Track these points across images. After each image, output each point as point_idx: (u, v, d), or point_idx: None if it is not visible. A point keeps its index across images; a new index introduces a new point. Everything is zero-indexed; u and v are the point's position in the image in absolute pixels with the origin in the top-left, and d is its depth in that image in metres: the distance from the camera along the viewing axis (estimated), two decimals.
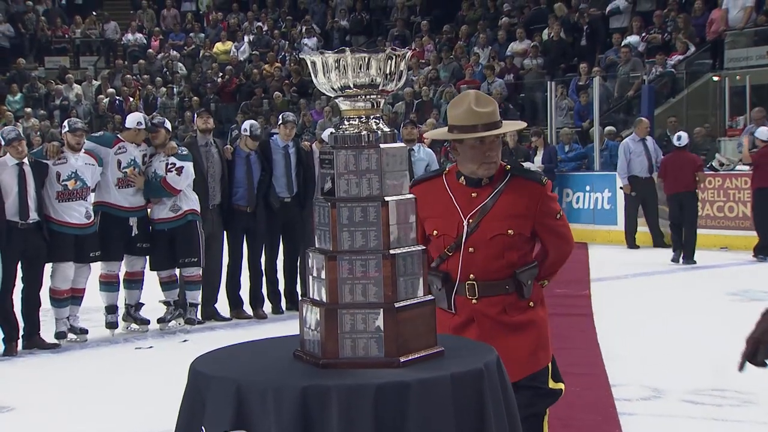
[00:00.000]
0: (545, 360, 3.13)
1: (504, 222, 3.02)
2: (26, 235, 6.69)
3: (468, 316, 3.07)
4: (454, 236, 3.05)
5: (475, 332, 3.05)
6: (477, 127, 3.00)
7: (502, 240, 3.02)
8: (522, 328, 3.07)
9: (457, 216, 3.05)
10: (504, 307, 3.06)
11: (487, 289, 3.04)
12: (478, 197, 3.06)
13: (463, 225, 3.03)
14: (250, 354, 2.75)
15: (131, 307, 7.51)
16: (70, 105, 19.66)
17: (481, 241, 3.03)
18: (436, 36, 19.32)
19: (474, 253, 3.03)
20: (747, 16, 14.43)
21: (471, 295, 3.05)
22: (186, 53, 22.25)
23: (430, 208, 3.07)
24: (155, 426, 4.79)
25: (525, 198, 3.04)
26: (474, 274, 3.04)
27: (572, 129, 14.10)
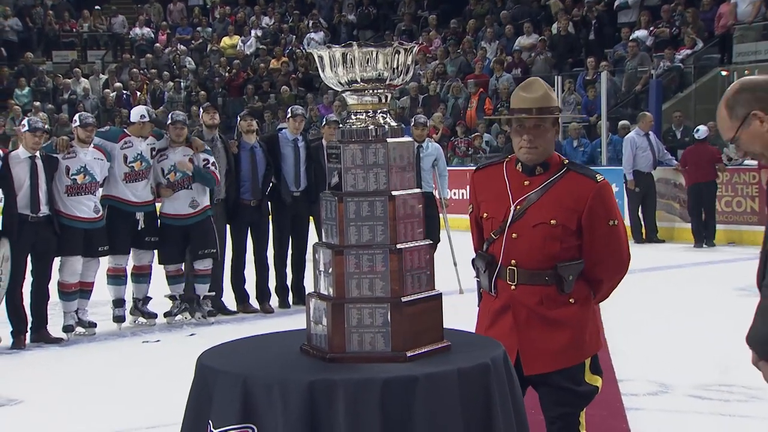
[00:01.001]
0: (578, 358, 3.08)
1: (549, 212, 3.01)
2: (37, 228, 6.71)
3: (506, 301, 3.07)
4: (501, 220, 3.06)
5: (510, 319, 3.05)
6: (520, 111, 3.05)
7: (544, 229, 3.01)
8: (557, 324, 3.04)
9: (506, 201, 3.07)
10: (541, 298, 3.04)
11: (527, 277, 3.03)
12: (530, 185, 3.07)
13: (510, 210, 3.05)
14: (257, 348, 2.76)
15: (139, 300, 7.53)
16: (78, 99, 19.70)
17: (525, 227, 3.03)
18: (444, 30, 19.28)
19: (517, 239, 3.03)
20: (756, 10, 14.36)
21: (511, 280, 3.05)
22: (193, 47, 22.26)
23: (487, 191, 3.15)
24: (162, 420, 4.80)
25: (575, 192, 3.03)
26: (515, 260, 3.04)
27: (580, 123, 14.06)
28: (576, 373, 3.07)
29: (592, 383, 3.12)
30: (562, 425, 3.11)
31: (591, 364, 3.13)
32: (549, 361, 3.03)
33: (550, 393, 3.09)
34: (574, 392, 3.08)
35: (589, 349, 3.11)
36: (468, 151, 15.19)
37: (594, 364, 3.14)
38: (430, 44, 18.74)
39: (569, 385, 3.07)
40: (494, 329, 3.07)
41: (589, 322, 3.11)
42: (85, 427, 4.99)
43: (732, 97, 2.53)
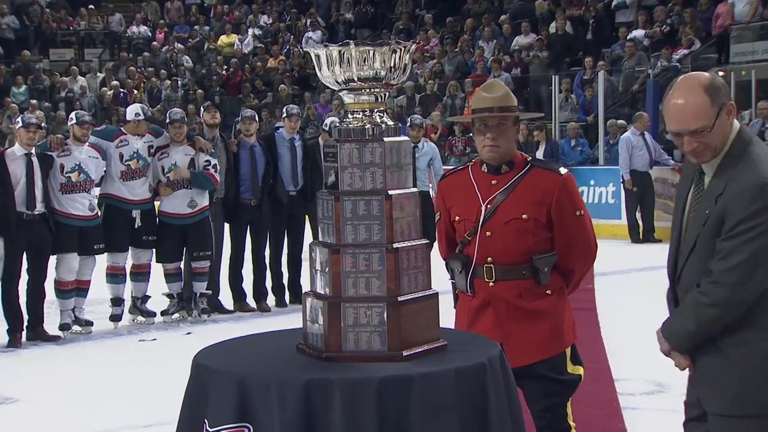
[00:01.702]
0: (560, 347, 3.18)
1: (519, 207, 3.12)
2: (32, 225, 6.71)
3: (485, 298, 3.15)
4: (474, 221, 3.16)
5: (491, 315, 3.14)
6: (482, 111, 3.15)
7: (517, 224, 3.11)
8: (537, 315, 3.13)
9: (477, 202, 3.18)
10: (520, 291, 3.13)
11: (504, 272, 3.13)
12: (497, 184, 3.17)
13: (482, 210, 3.15)
14: (253, 347, 2.76)
15: (138, 299, 7.52)
16: (75, 97, 19.66)
17: (498, 225, 3.13)
18: (441, 29, 19.28)
19: (491, 237, 3.13)
20: (753, 10, 14.37)
21: (488, 277, 3.14)
22: (190, 46, 22.23)
23: (455, 196, 3.25)
24: (158, 418, 4.80)
25: (541, 186, 3.14)
26: (491, 257, 3.13)
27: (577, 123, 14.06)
28: (558, 363, 3.17)
29: (575, 372, 3.23)
30: (551, 416, 3.17)
31: (571, 354, 3.23)
32: (532, 351, 3.12)
33: (536, 385, 3.17)
34: (558, 381, 3.17)
35: (568, 338, 3.22)
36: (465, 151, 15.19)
37: (574, 354, 3.25)
38: (428, 43, 18.74)
39: (553, 375, 3.16)
40: (476, 326, 3.15)
41: (565, 312, 3.23)
42: (82, 425, 4.98)
43: (713, 84, 2.56)
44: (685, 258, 2.64)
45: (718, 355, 2.58)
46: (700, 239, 2.58)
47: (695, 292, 2.57)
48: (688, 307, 2.60)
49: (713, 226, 2.54)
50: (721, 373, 2.58)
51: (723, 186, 2.54)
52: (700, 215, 2.59)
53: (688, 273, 2.63)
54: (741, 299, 2.51)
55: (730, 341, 2.57)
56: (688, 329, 2.60)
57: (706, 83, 2.55)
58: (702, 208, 2.59)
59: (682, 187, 2.76)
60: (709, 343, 2.60)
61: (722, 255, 2.51)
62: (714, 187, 2.57)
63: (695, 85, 2.55)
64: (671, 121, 2.58)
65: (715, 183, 2.57)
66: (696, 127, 2.53)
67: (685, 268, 2.64)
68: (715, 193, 2.55)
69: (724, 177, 2.55)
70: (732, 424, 2.57)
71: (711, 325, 2.57)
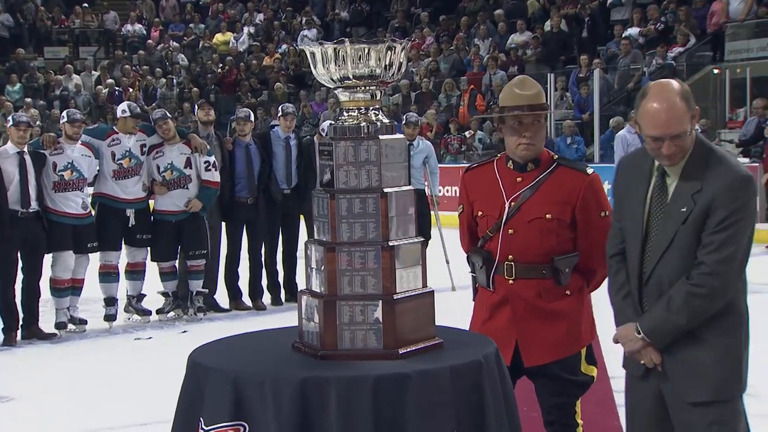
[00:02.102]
0: (574, 348, 3.15)
1: (543, 207, 3.09)
2: (26, 223, 6.69)
3: (504, 295, 3.13)
4: (497, 217, 3.13)
5: (508, 312, 3.11)
6: (516, 108, 3.09)
7: (540, 224, 3.08)
8: (555, 316, 3.11)
9: (500, 198, 3.14)
10: (539, 291, 3.11)
11: (524, 271, 3.09)
12: (523, 182, 3.13)
13: (505, 207, 3.11)
14: (249, 345, 2.75)
15: (133, 298, 7.50)
16: (70, 95, 19.62)
17: (521, 223, 3.10)
18: (437, 27, 19.27)
19: (513, 234, 3.10)
20: (748, 7, 14.39)
21: (508, 275, 3.11)
22: (186, 44, 22.20)
23: (479, 190, 3.21)
24: (154, 417, 4.79)
25: (567, 186, 3.11)
26: (513, 255, 3.10)
27: (573, 121, 14.08)
28: (573, 364, 3.13)
29: (588, 373, 3.19)
30: (559, 414, 3.17)
31: (586, 354, 3.19)
32: (548, 352, 3.09)
33: (548, 384, 3.15)
34: (571, 382, 3.14)
35: (585, 339, 3.18)
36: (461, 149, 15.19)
37: (589, 354, 3.20)
38: (423, 41, 18.74)
39: (566, 375, 3.13)
40: (493, 322, 3.12)
41: (584, 312, 3.19)
42: (78, 423, 4.97)
43: (686, 91, 2.67)
44: (658, 257, 2.69)
45: (699, 345, 2.66)
46: (679, 236, 2.64)
47: (686, 285, 2.62)
48: (676, 302, 2.64)
49: (695, 222, 2.62)
50: (703, 363, 2.65)
51: (699, 185, 2.63)
52: (675, 214, 2.66)
53: (663, 270, 2.68)
54: (731, 285, 2.63)
55: (713, 331, 2.65)
56: (677, 323, 2.64)
57: (681, 90, 2.66)
58: (676, 207, 2.66)
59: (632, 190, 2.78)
60: (688, 336, 2.66)
61: (714, 247, 2.59)
62: (686, 186, 2.66)
63: (673, 92, 2.65)
64: (652, 126, 2.65)
65: (686, 183, 2.66)
66: (677, 132, 2.62)
67: (658, 266, 2.69)
68: (690, 192, 2.64)
69: (696, 176, 2.64)
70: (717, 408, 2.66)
71: (701, 317, 2.64)
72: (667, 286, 2.67)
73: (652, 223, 2.72)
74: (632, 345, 2.74)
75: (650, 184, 2.74)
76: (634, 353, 2.75)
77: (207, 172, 7.40)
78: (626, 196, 2.81)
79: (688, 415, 2.68)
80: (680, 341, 2.68)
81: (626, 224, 2.80)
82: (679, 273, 2.65)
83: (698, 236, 2.62)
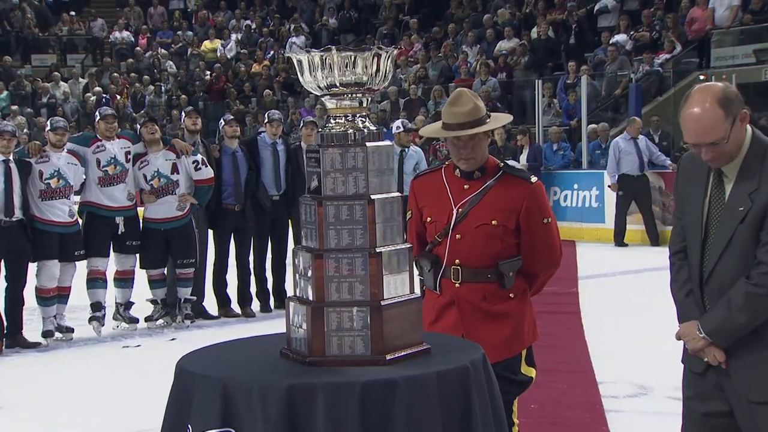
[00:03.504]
0: (517, 349, 3.27)
1: (489, 213, 3.21)
2: (10, 233, 6.67)
3: (450, 298, 3.24)
4: (445, 223, 3.25)
5: (455, 314, 3.24)
6: (451, 126, 3.22)
7: (486, 230, 3.20)
8: (499, 318, 3.23)
9: (449, 205, 3.26)
10: (484, 294, 3.23)
11: (470, 275, 3.22)
12: (470, 189, 3.26)
13: (453, 213, 3.24)
14: (237, 352, 2.75)
15: (121, 305, 7.48)
16: (57, 103, 19.56)
17: (468, 229, 3.22)
18: (425, 34, 19.33)
19: (460, 240, 3.22)
20: (733, 14, 14.49)
21: (455, 279, 3.24)
22: (174, 51, 22.18)
23: (428, 197, 3.33)
24: (142, 424, 4.78)
25: (512, 194, 3.22)
26: (459, 260, 3.23)
27: (560, 128, 14.13)
28: (513, 364, 3.25)
29: (527, 374, 3.32)
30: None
31: (526, 356, 3.32)
32: (492, 352, 3.14)
33: None
34: (510, 380, 3.24)
35: (527, 340, 3.31)
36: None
37: (529, 356, 3.33)
38: (411, 48, 18.78)
39: (507, 375, 3.22)
40: (440, 323, 3.23)
41: (527, 314, 3.31)
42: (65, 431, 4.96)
43: (726, 95, 2.68)
44: (718, 256, 2.73)
45: (760, 344, 2.70)
46: (738, 235, 2.68)
47: (746, 285, 2.66)
48: (737, 301, 2.68)
49: (754, 221, 2.66)
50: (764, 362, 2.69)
51: (756, 183, 2.67)
52: (733, 213, 2.70)
53: (723, 269, 2.72)
54: None
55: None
56: (739, 322, 2.68)
57: (720, 95, 2.67)
58: (734, 206, 2.70)
59: (691, 190, 2.83)
60: (751, 334, 2.70)
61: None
62: (743, 186, 2.70)
63: (710, 98, 2.67)
64: (688, 133, 2.70)
65: (744, 182, 2.70)
66: (712, 140, 2.66)
67: (718, 265, 2.73)
68: (748, 191, 2.68)
69: (754, 176, 2.68)
70: None
71: (762, 316, 2.68)
72: (728, 284, 2.71)
73: (711, 223, 2.76)
74: (695, 343, 2.78)
75: (708, 183, 2.79)
76: (697, 351, 2.78)
77: (197, 172, 7.40)
78: (686, 195, 2.86)
79: (753, 413, 2.72)
80: (743, 339, 2.71)
81: (686, 223, 2.84)
82: (739, 272, 2.69)
83: (757, 235, 2.66)
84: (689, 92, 2.77)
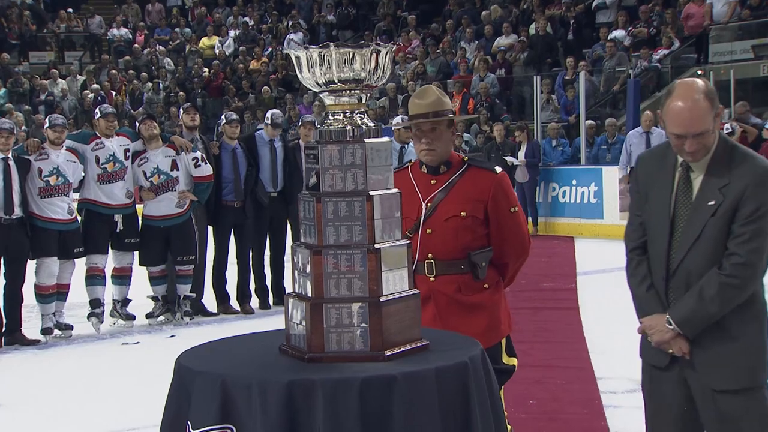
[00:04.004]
0: (495, 339, 3.32)
1: (458, 206, 3.28)
2: (9, 230, 6.67)
3: (426, 293, 3.26)
4: (415, 218, 3.31)
5: (432, 308, 3.27)
6: (415, 117, 3.32)
7: (455, 222, 3.28)
8: (475, 309, 3.29)
9: (417, 201, 3.33)
10: (459, 286, 3.29)
11: (444, 268, 3.29)
12: (437, 184, 3.34)
13: (422, 208, 3.31)
14: (236, 349, 2.75)
15: (118, 302, 7.49)
16: (55, 100, 19.54)
17: (438, 222, 3.29)
18: (423, 31, 19.31)
19: (431, 234, 3.29)
20: (731, 10, 14.49)
21: (429, 273, 3.30)
22: (171, 48, 22.15)
23: None
24: (141, 421, 4.78)
25: (478, 185, 3.30)
26: (432, 254, 3.29)
27: (558, 124, 14.13)
28: (494, 354, 3.27)
29: (509, 363, 3.38)
30: None
31: (506, 346, 3.38)
32: None
33: None
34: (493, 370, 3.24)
35: (504, 330, 3.37)
36: None
37: (509, 346, 3.39)
38: (410, 44, 18.77)
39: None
40: None
41: (501, 305, 3.38)
42: (65, 428, 4.97)
43: (711, 90, 2.77)
44: (686, 250, 2.77)
45: (723, 334, 2.76)
46: (708, 229, 2.74)
47: (719, 276, 2.71)
48: (709, 291, 2.73)
49: (725, 214, 2.72)
50: (728, 352, 2.75)
51: (727, 179, 2.73)
52: (703, 208, 2.75)
53: (691, 263, 2.77)
54: (760, 278, 2.74)
55: (735, 321, 2.75)
56: (711, 312, 2.73)
57: (706, 90, 2.76)
58: (703, 201, 2.75)
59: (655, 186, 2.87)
60: (712, 325, 2.76)
61: (746, 237, 2.70)
62: (713, 181, 2.75)
63: (697, 91, 2.75)
64: (675, 124, 2.74)
65: (713, 178, 2.75)
66: (700, 131, 2.72)
67: (686, 259, 2.78)
68: (718, 186, 2.74)
69: (723, 171, 2.74)
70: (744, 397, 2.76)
71: (732, 305, 2.73)
72: (696, 277, 2.76)
73: (678, 217, 2.81)
74: (662, 335, 2.82)
75: (675, 179, 2.83)
76: (663, 343, 2.83)
77: (197, 168, 7.41)
78: (650, 191, 2.89)
79: (715, 403, 2.78)
80: (706, 331, 2.77)
81: (650, 218, 2.88)
82: (709, 264, 2.74)
83: (727, 228, 2.72)
84: (671, 86, 2.84)
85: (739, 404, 2.76)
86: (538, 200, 12.93)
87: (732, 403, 2.75)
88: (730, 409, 2.76)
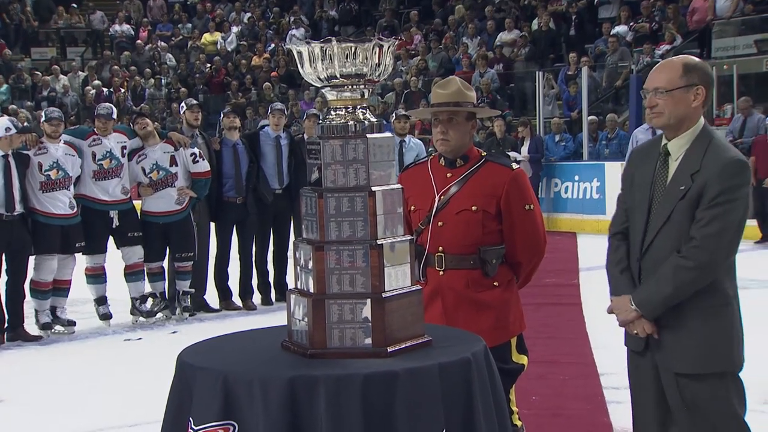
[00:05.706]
0: (504, 337, 3.30)
1: (470, 199, 3.28)
2: (11, 227, 6.67)
3: (435, 286, 3.29)
4: (427, 211, 3.31)
5: (440, 304, 3.27)
6: (435, 105, 3.33)
7: (466, 215, 3.26)
8: (483, 306, 3.27)
9: (432, 193, 3.33)
10: (468, 281, 3.27)
11: (453, 262, 3.27)
12: (452, 177, 3.34)
13: (435, 201, 3.31)
14: (238, 345, 2.75)
15: (136, 300, 7.47)
16: (57, 96, 19.54)
17: (449, 215, 3.28)
18: (425, 26, 19.29)
19: (442, 227, 3.28)
20: (734, 5, 14.45)
21: (439, 266, 3.29)
22: (173, 44, 22.14)
23: (413, 188, 3.36)
24: (144, 417, 4.78)
25: (493, 180, 3.29)
26: (442, 247, 3.28)
27: (561, 119, 14.11)
28: (503, 352, 3.27)
29: (519, 361, 3.36)
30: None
31: (517, 344, 3.36)
32: None
33: None
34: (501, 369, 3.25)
35: (514, 329, 3.34)
36: None
37: (520, 344, 3.37)
38: (412, 40, 18.75)
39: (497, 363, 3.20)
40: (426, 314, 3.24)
41: (512, 304, 3.35)
42: (67, 424, 4.96)
43: (694, 64, 2.87)
44: (656, 231, 2.84)
45: (686, 319, 2.80)
46: (677, 212, 2.80)
47: (675, 258, 2.77)
48: (666, 273, 2.79)
49: (692, 199, 2.77)
50: (690, 337, 2.80)
51: (698, 164, 2.78)
52: (674, 191, 2.81)
53: (659, 245, 2.83)
54: (718, 262, 2.76)
55: (698, 306, 2.79)
56: (665, 293, 2.78)
57: (687, 61, 2.87)
58: (675, 185, 2.82)
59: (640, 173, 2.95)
60: (676, 310, 2.80)
61: (704, 222, 2.74)
62: (686, 167, 2.81)
63: (678, 59, 2.87)
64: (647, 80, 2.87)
65: (687, 164, 2.81)
66: (657, 86, 2.82)
67: (656, 239, 2.84)
68: (690, 171, 2.79)
69: (696, 159, 2.80)
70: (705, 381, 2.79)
71: (687, 289, 2.77)
72: (662, 260, 2.81)
73: (654, 201, 2.87)
74: (625, 315, 2.90)
75: (655, 166, 2.90)
76: (627, 324, 2.90)
77: (195, 164, 7.40)
78: (635, 180, 2.96)
79: (678, 387, 2.82)
80: (669, 314, 2.81)
81: (632, 206, 2.94)
82: (675, 247, 2.79)
83: (693, 213, 2.76)
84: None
85: (701, 391, 2.79)
86: (540, 196, 12.92)
87: (694, 389, 2.80)
88: (692, 396, 2.80)
